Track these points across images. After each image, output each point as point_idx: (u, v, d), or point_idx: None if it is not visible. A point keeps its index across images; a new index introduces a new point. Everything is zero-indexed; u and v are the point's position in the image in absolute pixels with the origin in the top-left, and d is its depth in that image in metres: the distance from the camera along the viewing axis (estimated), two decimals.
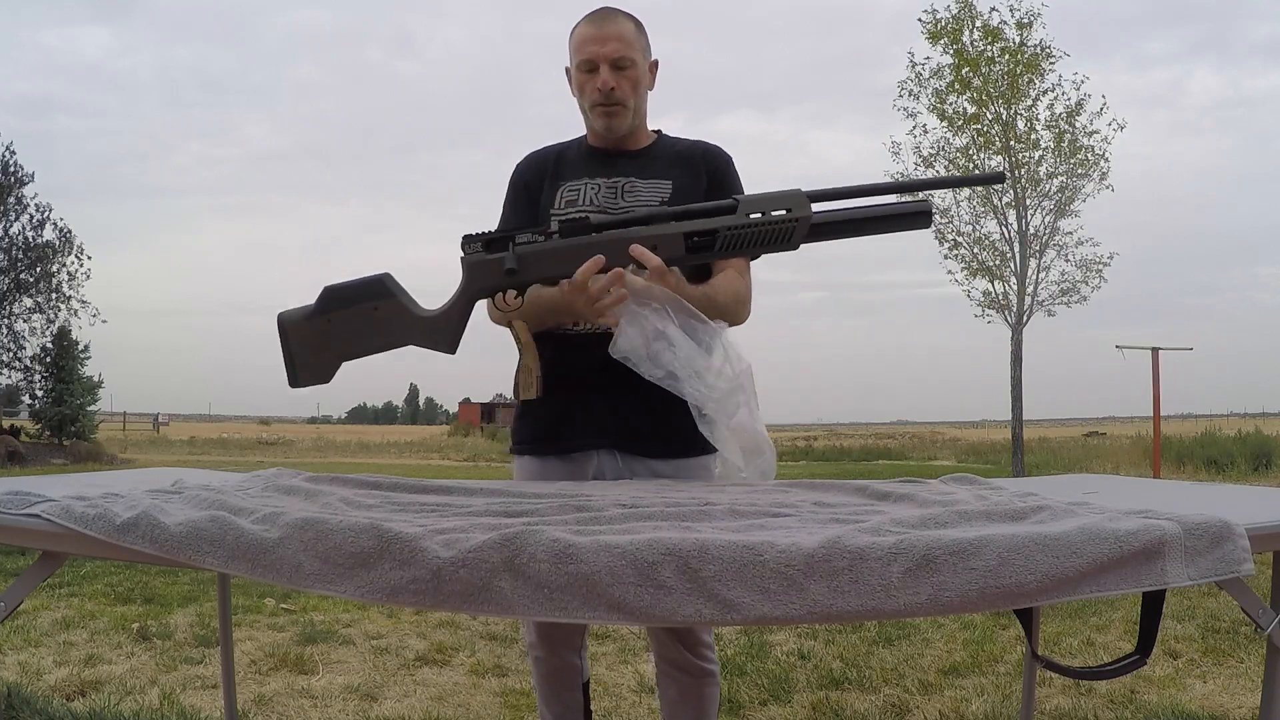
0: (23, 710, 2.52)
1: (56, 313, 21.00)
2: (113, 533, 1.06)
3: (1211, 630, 3.48)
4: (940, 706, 2.71)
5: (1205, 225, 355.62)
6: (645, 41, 1.75)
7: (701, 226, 1.48)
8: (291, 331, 1.50)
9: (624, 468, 1.73)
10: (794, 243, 1.48)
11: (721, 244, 1.48)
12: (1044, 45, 12.20)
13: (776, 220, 1.46)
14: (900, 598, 0.98)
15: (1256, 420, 24.11)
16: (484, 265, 1.50)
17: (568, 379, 1.71)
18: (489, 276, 1.50)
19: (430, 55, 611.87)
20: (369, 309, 1.49)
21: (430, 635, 3.61)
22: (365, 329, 1.49)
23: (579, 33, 1.72)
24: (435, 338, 1.51)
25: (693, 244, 1.48)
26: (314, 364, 1.51)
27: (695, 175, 1.78)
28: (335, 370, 1.52)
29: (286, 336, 1.51)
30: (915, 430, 50.62)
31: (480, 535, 1.02)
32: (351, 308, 1.49)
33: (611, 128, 1.73)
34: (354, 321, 1.49)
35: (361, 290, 1.49)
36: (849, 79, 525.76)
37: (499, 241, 1.51)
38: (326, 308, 1.49)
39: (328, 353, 1.50)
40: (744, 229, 1.47)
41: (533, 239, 1.50)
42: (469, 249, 1.51)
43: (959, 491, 1.45)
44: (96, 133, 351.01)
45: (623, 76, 1.70)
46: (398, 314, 1.50)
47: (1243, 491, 1.76)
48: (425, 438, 39.95)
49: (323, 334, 1.49)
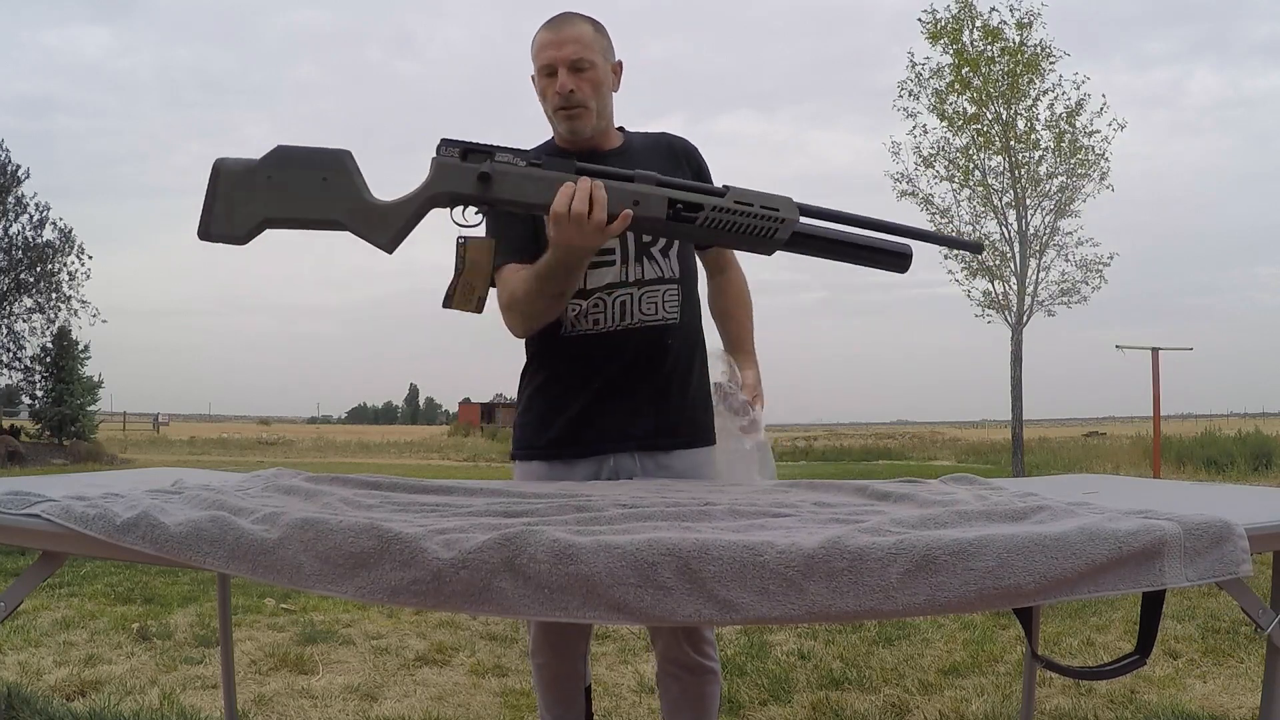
0: (23, 710, 2.52)
1: (56, 313, 21.02)
2: (113, 533, 1.06)
3: (1211, 630, 3.48)
4: (940, 706, 2.71)
5: (1205, 225, 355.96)
6: (606, 43, 1.74)
7: (688, 198, 1.46)
8: (224, 176, 1.36)
9: (639, 466, 1.74)
10: (775, 243, 1.47)
11: (704, 221, 1.45)
12: (1044, 45, 12.20)
13: (763, 215, 1.45)
14: (900, 598, 0.98)
15: (1256, 420, 24.11)
16: (454, 169, 1.42)
17: (588, 381, 1.71)
18: (457, 181, 1.42)
19: (430, 55, 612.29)
20: (316, 176, 1.37)
21: (430, 635, 3.61)
22: (304, 195, 1.37)
23: (537, 39, 1.72)
24: (375, 229, 1.40)
25: (675, 211, 1.45)
26: (234, 216, 1.35)
27: (678, 167, 1.80)
28: (255, 230, 1.37)
29: (216, 180, 1.36)
30: (915, 430, 50.62)
31: (480, 535, 1.02)
32: (297, 169, 1.36)
33: (575, 129, 1.72)
34: (295, 184, 1.36)
35: (315, 155, 1.38)
36: (849, 79, 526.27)
37: (478, 154, 1.43)
38: (271, 164, 1.36)
39: (253, 206, 1.35)
40: (729, 213, 1.45)
41: (513, 160, 1.44)
42: (445, 150, 1.42)
43: (959, 492, 1.46)
44: (96, 133, 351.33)
45: (582, 79, 1.69)
46: (344, 192, 1.38)
47: (1243, 491, 1.76)
48: (425, 438, 39.95)
49: (257, 188, 1.35)
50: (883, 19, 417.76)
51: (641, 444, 1.73)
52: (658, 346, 1.73)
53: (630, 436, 1.73)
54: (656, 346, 1.73)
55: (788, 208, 1.46)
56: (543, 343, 1.76)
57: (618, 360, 1.71)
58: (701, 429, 1.80)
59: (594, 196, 1.41)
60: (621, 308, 1.71)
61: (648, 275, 1.72)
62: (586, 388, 1.72)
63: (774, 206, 1.46)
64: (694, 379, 1.80)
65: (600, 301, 1.71)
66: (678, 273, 1.76)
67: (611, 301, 1.71)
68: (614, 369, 1.71)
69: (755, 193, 1.47)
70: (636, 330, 1.71)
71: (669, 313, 1.74)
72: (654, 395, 1.73)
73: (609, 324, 1.71)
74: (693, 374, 1.80)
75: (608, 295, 1.71)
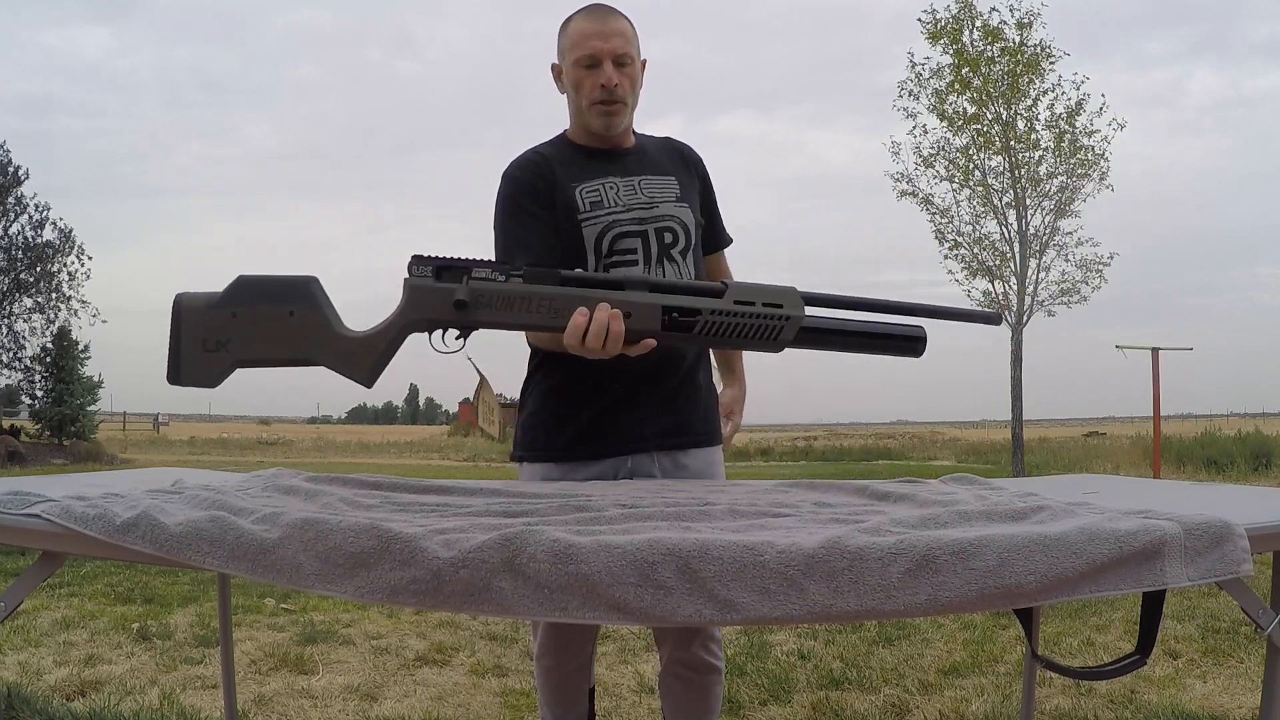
0: (23, 710, 2.52)
1: (56, 313, 21.01)
2: (113, 533, 1.06)
3: (1211, 630, 3.48)
4: (940, 706, 2.70)
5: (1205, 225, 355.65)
6: (638, 41, 1.74)
7: (684, 303, 1.36)
8: (186, 318, 1.29)
9: (656, 466, 1.74)
10: (781, 342, 1.37)
11: (702, 328, 1.35)
12: (1044, 45, 12.21)
13: (765, 315, 1.35)
14: (900, 598, 0.98)
15: (1256, 420, 24.09)
16: (430, 293, 1.32)
17: (606, 383, 1.70)
18: (433, 306, 1.33)
19: (430, 55, 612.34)
20: (283, 312, 1.29)
21: (430, 635, 3.61)
22: (274, 335, 1.29)
23: (577, 28, 1.67)
24: (353, 364, 1.32)
25: (671, 319, 1.36)
26: (203, 362, 1.30)
27: (690, 173, 1.81)
28: (226, 375, 1.31)
29: (179, 323, 1.29)
30: (915, 430, 50.58)
31: (480, 535, 1.02)
32: (263, 306, 1.29)
33: (611, 125, 1.70)
34: (263, 323, 1.29)
35: (280, 288, 1.30)
36: (848, 79, 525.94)
37: (454, 271, 1.33)
38: (234, 300, 1.29)
39: (223, 353, 1.29)
40: (730, 316, 1.35)
41: (492, 276, 1.33)
42: (417, 270, 1.33)
43: (959, 491, 1.46)
44: (96, 133, 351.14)
45: (623, 74, 1.67)
46: (315, 326, 1.30)
47: (1243, 491, 1.76)
48: (425, 438, 39.94)
49: (223, 329, 1.29)
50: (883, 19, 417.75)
51: (659, 444, 1.74)
52: (674, 348, 1.72)
53: (647, 437, 1.73)
54: (673, 348, 1.72)
55: (792, 302, 1.36)
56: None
57: (635, 362, 1.70)
58: (713, 427, 1.83)
59: (610, 331, 1.32)
60: None
61: (668, 277, 1.72)
62: (604, 390, 1.71)
63: (777, 303, 1.36)
64: (705, 379, 1.83)
65: None
66: (693, 275, 1.76)
67: None
68: (632, 371, 1.69)
69: (756, 287, 1.36)
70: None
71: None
72: (670, 396, 1.74)
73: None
74: (704, 374, 1.83)
75: None
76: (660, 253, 1.72)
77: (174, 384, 1.31)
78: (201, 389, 1.33)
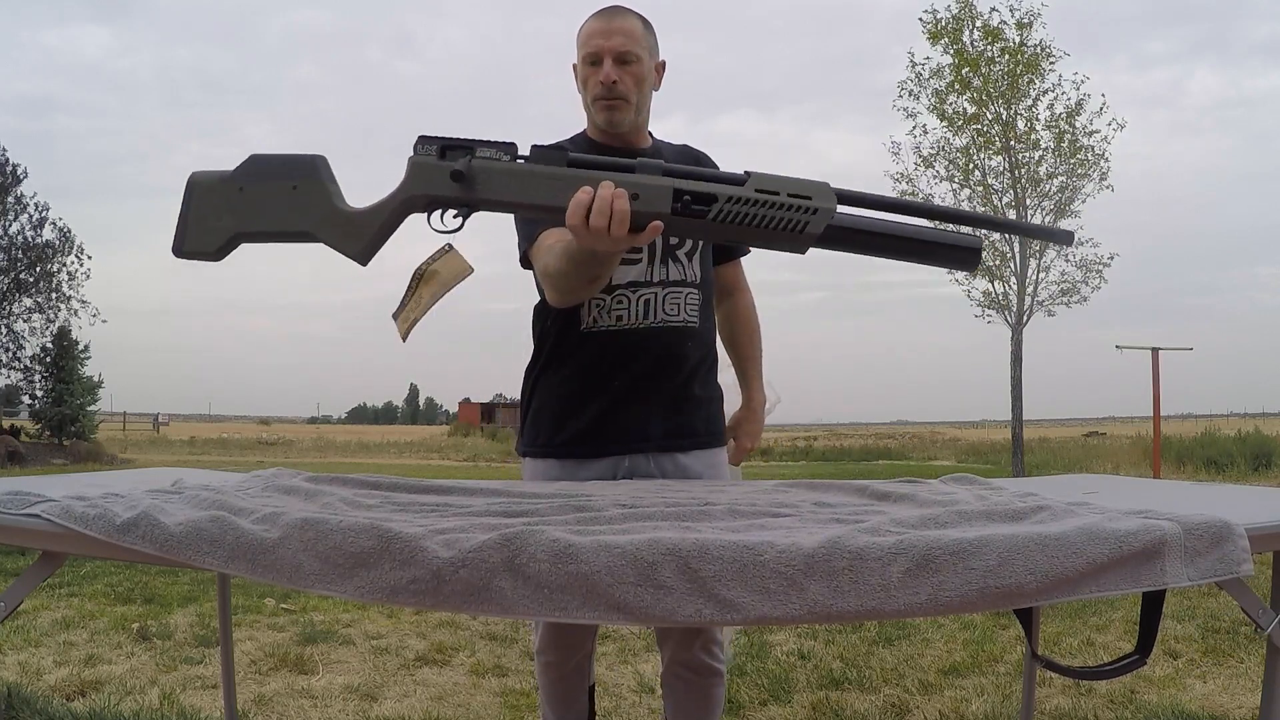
0: (23, 710, 2.52)
1: (56, 313, 21.03)
2: (113, 533, 1.06)
3: (1211, 630, 3.48)
4: (940, 706, 2.70)
5: (1205, 225, 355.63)
6: (653, 41, 1.75)
7: (700, 187, 1.24)
8: (197, 190, 1.31)
9: (655, 467, 1.74)
10: (806, 239, 1.24)
11: (719, 214, 1.23)
12: (1044, 45, 12.22)
13: (790, 205, 1.22)
14: (900, 598, 0.98)
15: (1256, 420, 24.12)
16: (431, 169, 1.28)
17: (608, 379, 1.71)
18: (433, 182, 1.28)
19: (430, 55, 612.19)
20: (286, 186, 1.29)
21: (430, 635, 3.61)
22: (276, 207, 1.30)
23: (586, 27, 1.73)
24: (348, 238, 1.30)
25: (683, 204, 1.24)
26: (207, 231, 1.30)
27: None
28: (228, 246, 1.31)
29: (190, 196, 1.31)
30: (915, 430, 50.63)
31: (480, 535, 1.02)
32: (269, 181, 1.30)
33: (613, 121, 1.72)
34: (267, 196, 1.29)
35: (286, 164, 1.31)
36: (849, 79, 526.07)
37: (458, 151, 1.29)
38: (243, 175, 1.30)
39: (227, 220, 1.30)
40: (749, 205, 1.22)
41: (496, 156, 1.28)
42: (421, 149, 1.29)
43: (959, 491, 1.46)
44: (96, 133, 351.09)
45: (626, 71, 1.69)
46: (315, 200, 1.29)
47: (1243, 491, 1.76)
48: (425, 438, 39.92)
49: (229, 201, 1.30)
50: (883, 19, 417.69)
51: (659, 445, 1.74)
52: (678, 348, 1.73)
53: (648, 437, 1.73)
54: (677, 348, 1.73)
55: (822, 195, 1.23)
56: (560, 338, 1.75)
57: (639, 360, 1.71)
58: (716, 429, 1.82)
59: (615, 209, 1.21)
60: (645, 306, 1.71)
61: (672, 276, 1.72)
62: (606, 387, 1.71)
63: (805, 194, 1.23)
64: (709, 382, 1.82)
65: (624, 298, 1.70)
66: (699, 277, 1.76)
67: (635, 299, 1.70)
68: (635, 368, 1.71)
69: (782, 178, 1.24)
70: (659, 330, 1.71)
71: (690, 316, 1.74)
72: (672, 397, 1.74)
73: (632, 321, 1.70)
74: (709, 377, 1.82)
75: (631, 293, 1.70)
76: (665, 252, 1.72)
77: (178, 254, 1.32)
78: (205, 261, 1.33)
